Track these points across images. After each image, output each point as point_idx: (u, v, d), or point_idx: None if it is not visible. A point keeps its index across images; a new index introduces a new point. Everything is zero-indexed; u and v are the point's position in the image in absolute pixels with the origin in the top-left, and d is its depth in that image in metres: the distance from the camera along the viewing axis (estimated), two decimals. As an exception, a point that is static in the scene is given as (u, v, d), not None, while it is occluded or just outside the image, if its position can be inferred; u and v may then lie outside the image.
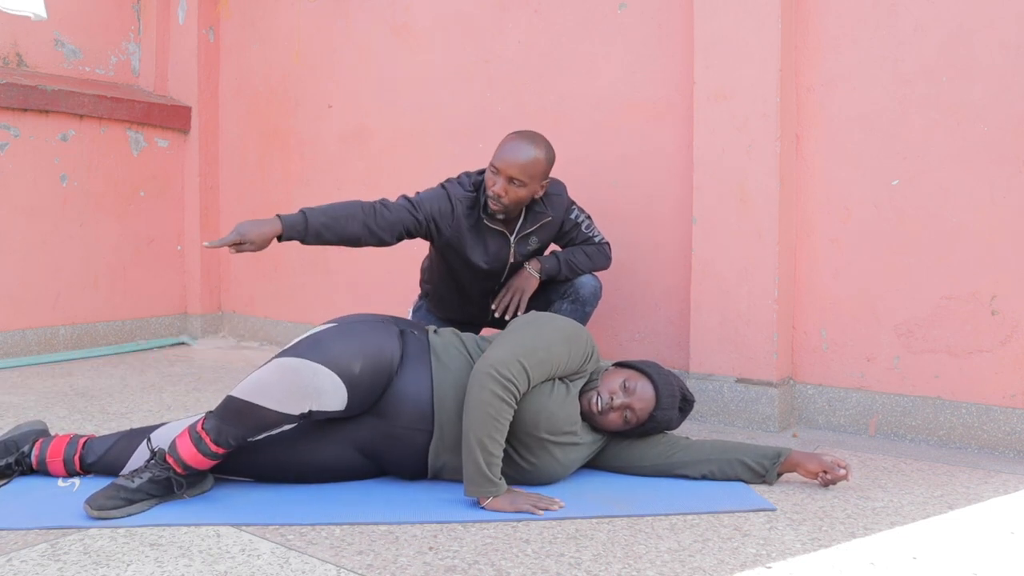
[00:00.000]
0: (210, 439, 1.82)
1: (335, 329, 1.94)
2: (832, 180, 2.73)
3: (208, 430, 1.83)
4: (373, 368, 1.89)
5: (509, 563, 1.60)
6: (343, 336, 1.90)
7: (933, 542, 1.76)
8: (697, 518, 1.87)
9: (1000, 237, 2.48)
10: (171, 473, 1.84)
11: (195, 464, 1.84)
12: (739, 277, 2.77)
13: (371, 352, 1.90)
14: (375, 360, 1.90)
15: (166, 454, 1.85)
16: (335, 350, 1.86)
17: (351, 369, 1.85)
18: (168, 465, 1.84)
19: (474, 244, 2.57)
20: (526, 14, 3.34)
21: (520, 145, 2.46)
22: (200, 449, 1.83)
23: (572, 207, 2.72)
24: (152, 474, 1.83)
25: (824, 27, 2.72)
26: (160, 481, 1.83)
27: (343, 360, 1.85)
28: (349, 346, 1.88)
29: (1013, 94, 2.45)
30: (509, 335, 1.97)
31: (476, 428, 1.83)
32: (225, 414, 1.84)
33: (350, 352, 1.87)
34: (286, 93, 4.18)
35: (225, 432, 1.82)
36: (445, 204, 2.51)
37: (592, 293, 2.73)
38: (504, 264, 2.65)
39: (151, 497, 1.83)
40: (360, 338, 1.91)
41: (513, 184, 2.45)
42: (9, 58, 3.89)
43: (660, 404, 2.03)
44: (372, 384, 1.89)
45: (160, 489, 1.84)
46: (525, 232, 2.62)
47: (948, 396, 2.58)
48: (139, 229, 4.22)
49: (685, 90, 2.94)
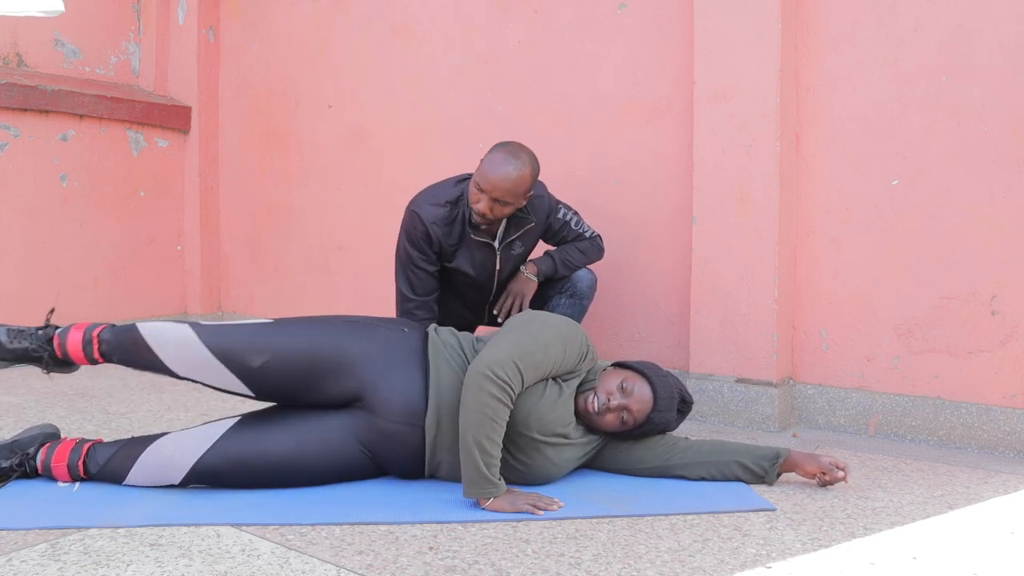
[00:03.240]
0: (98, 349, 2.00)
1: (272, 323, 2.02)
2: (832, 180, 2.73)
3: (102, 341, 2.00)
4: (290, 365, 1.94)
5: (509, 563, 1.60)
6: (260, 331, 1.98)
7: (933, 542, 1.76)
8: (697, 518, 1.87)
9: (1000, 237, 2.48)
10: (46, 353, 2.01)
11: (75, 358, 2.02)
12: (739, 277, 2.77)
13: (292, 350, 1.95)
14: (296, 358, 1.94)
15: (54, 334, 2.02)
16: (233, 341, 1.95)
17: (247, 362, 1.93)
18: (49, 346, 2.01)
19: (460, 256, 2.60)
20: (526, 14, 3.34)
21: (505, 165, 2.43)
22: (86, 352, 2.01)
23: (557, 207, 2.72)
24: (31, 345, 2.01)
25: (824, 27, 2.72)
26: (34, 355, 2.01)
27: (236, 352, 1.93)
28: (255, 342, 1.95)
29: (1013, 94, 2.45)
30: (504, 335, 1.97)
31: (473, 429, 1.83)
32: (124, 340, 1.99)
33: (253, 347, 1.94)
34: (286, 93, 4.18)
35: (116, 352, 2.00)
36: (423, 242, 2.56)
37: (589, 287, 2.75)
38: (492, 272, 2.66)
39: (16, 361, 2.03)
40: (284, 335, 1.98)
41: (498, 203, 2.45)
42: (9, 58, 3.89)
43: (657, 406, 2.03)
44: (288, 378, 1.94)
45: (29, 359, 2.02)
46: (509, 239, 2.62)
47: (948, 396, 2.58)
48: (139, 229, 4.22)
49: (685, 90, 2.94)
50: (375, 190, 3.86)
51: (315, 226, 4.09)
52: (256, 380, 1.95)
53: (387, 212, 3.64)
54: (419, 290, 2.60)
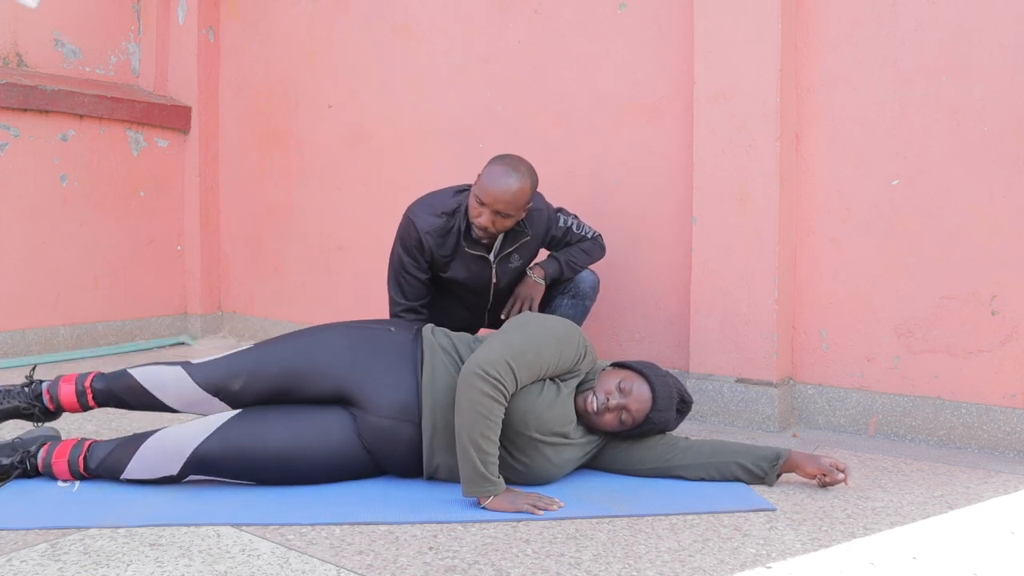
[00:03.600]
0: (93, 398, 2.08)
1: (243, 350, 2.11)
2: (832, 180, 2.73)
3: (95, 391, 2.07)
4: (263, 380, 2.02)
5: (509, 563, 1.60)
6: (235, 357, 2.07)
7: (933, 542, 1.76)
8: (697, 518, 1.87)
9: (1000, 237, 2.48)
10: (36, 408, 2.08)
11: (68, 409, 2.09)
12: (739, 277, 2.77)
13: (262, 365, 2.04)
14: (266, 373, 2.03)
15: (44, 390, 2.08)
16: (217, 375, 2.04)
17: (229, 387, 2.03)
18: (40, 402, 2.08)
19: (455, 267, 2.61)
20: (526, 14, 3.34)
21: (506, 178, 2.42)
22: (80, 402, 2.08)
23: (556, 216, 2.72)
24: (20, 404, 2.07)
25: (824, 27, 2.72)
26: (25, 413, 2.07)
27: (220, 382, 2.03)
28: (231, 367, 2.05)
29: (1013, 94, 2.45)
30: (499, 336, 1.97)
31: (468, 428, 1.83)
32: (118, 386, 2.07)
33: (231, 373, 2.04)
34: (286, 93, 4.18)
35: (111, 399, 2.08)
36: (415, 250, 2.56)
37: (591, 287, 2.76)
38: (487, 283, 2.66)
39: (6, 419, 2.07)
40: (253, 356, 2.07)
41: (500, 216, 2.45)
42: (9, 58, 3.89)
43: (656, 406, 2.03)
44: (265, 392, 2.02)
45: (21, 416, 2.08)
46: (506, 252, 2.62)
47: (948, 396, 2.58)
48: (139, 229, 4.22)
49: (685, 90, 2.94)
50: (375, 190, 3.86)
51: (315, 226, 4.09)
52: (241, 402, 2.04)
53: (387, 212, 3.64)
54: (409, 295, 2.62)
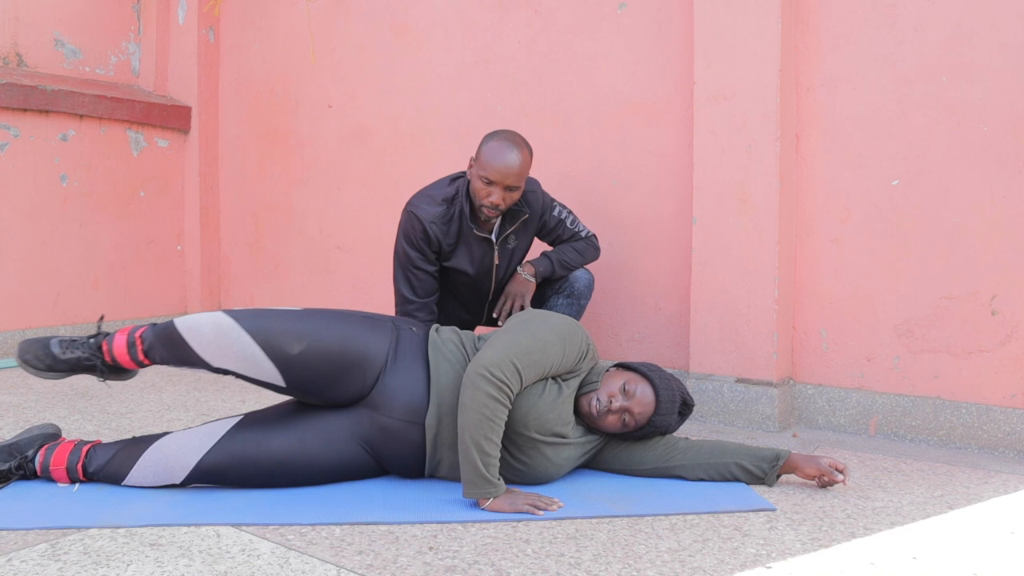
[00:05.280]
0: (142, 349, 1.98)
1: (302, 312, 1.99)
2: (832, 180, 2.73)
3: (144, 340, 1.98)
4: (324, 356, 1.91)
5: (509, 563, 1.60)
6: (295, 318, 1.95)
7: (933, 542, 1.76)
8: (697, 518, 1.87)
9: (1000, 237, 2.48)
10: (99, 361, 1.99)
11: (122, 362, 2.00)
12: (739, 277, 2.77)
13: (327, 340, 1.92)
14: (329, 349, 1.92)
15: (103, 340, 2.00)
16: (273, 327, 1.91)
17: (286, 349, 1.89)
18: (100, 353, 1.99)
19: (459, 255, 2.61)
20: (526, 14, 3.34)
21: (508, 152, 2.46)
22: (131, 355, 1.99)
23: (553, 204, 2.74)
24: (83, 354, 1.98)
25: (824, 27, 2.72)
26: (87, 365, 1.99)
27: (276, 338, 1.89)
28: (293, 328, 1.92)
29: (1013, 94, 2.45)
30: (503, 335, 1.97)
31: (472, 429, 1.83)
32: (161, 336, 1.96)
33: (291, 333, 1.91)
34: (286, 93, 4.18)
35: (156, 351, 1.97)
36: (422, 242, 2.56)
37: (586, 286, 2.76)
38: (490, 268, 2.66)
39: (71, 372, 2.00)
40: (318, 325, 1.94)
41: (509, 190, 2.48)
42: (9, 58, 3.89)
43: (659, 409, 2.03)
44: (320, 370, 1.91)
45: (84, 369, 2.00)
46: (506, 232, 2.63)
47: (948, 396, 2.58)
48: (139, 229, 4.22)
49: (685, 90, 2.94)
50: (375, 190, 3.86)
51: (315, 226, 4.09)
52: (292, 368, 1.91)
53: (387, 212, 3.64)
54: (420, 291, 2.60)
